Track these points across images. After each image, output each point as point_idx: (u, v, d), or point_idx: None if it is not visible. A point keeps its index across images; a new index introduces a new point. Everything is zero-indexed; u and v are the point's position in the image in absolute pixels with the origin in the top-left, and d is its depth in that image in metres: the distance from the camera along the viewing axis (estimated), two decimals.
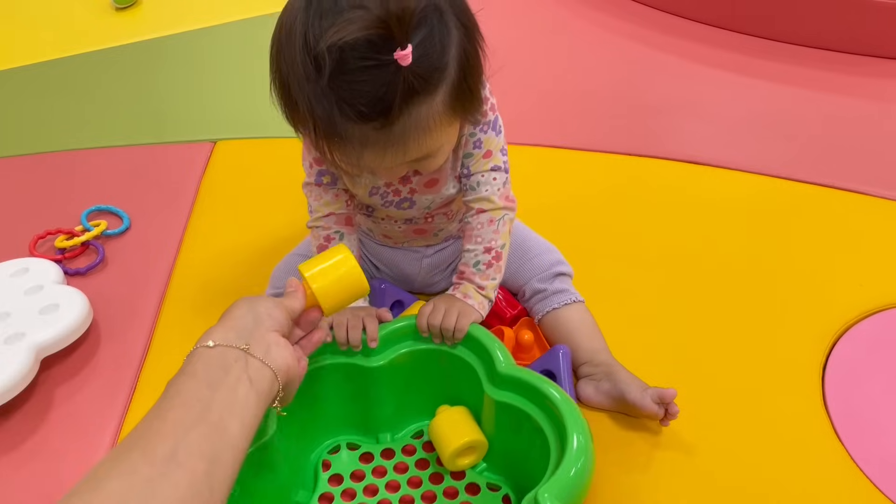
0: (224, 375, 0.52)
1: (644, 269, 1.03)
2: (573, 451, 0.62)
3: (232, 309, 0.59)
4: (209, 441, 0.48)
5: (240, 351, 0.54)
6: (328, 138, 0.64)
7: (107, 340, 0.96)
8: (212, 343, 0.54)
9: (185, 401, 0.49)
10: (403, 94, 0.60)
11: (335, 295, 0.65)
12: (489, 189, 0.79)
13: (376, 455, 0.79)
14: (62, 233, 1.11)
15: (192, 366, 0.52)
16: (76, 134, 1.36)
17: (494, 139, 0.79)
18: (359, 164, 0.67)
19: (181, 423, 0.48)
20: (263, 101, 0.63)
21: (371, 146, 0.64)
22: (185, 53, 1.61)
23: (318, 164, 0.80)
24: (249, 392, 0.52)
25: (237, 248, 1.09)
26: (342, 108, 0.61)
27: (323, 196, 0.82)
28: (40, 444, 0.85)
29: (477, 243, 0.80)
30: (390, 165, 0.67)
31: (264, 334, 0.57)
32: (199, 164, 1.25)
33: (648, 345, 0.92)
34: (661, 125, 1.33)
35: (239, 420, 0.50)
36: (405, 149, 0.65)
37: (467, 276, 0.80)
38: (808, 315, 0.95)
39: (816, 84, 1.42)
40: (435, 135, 0.66)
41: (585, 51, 1.56)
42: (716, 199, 1.15)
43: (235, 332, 0.55)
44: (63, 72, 1.57)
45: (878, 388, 0.87)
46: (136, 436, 0.48)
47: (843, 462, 0.79)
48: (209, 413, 0.49)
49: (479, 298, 0.79)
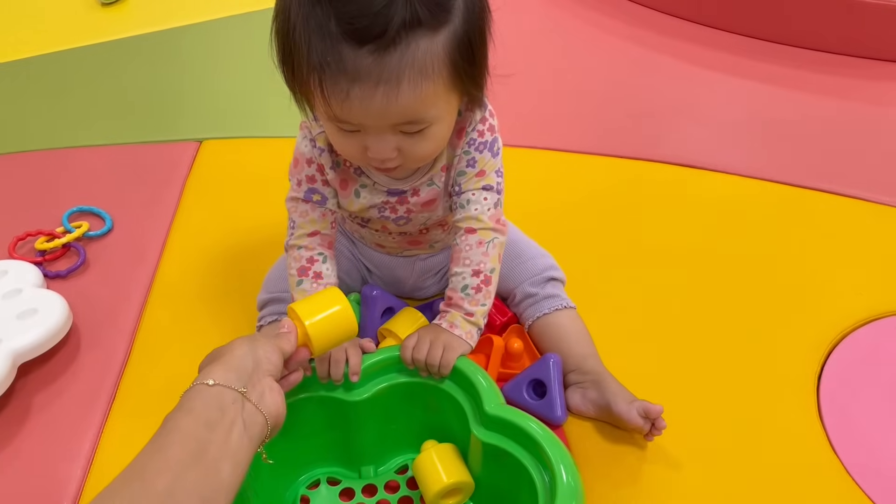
0: (221, 416, 0.53)
1: (638, 274, 1.02)
2: (563, 494, 0.60)
3: (233, 348, 0.58)
4: (204, 483, 0.49)
5: (237, 393, 0.54)
6: (319, 69, 0.61)
7: (87, 346, 0.94)
8: (211, 382, 0.54)
9: (183, 438, 0.50)
10: (405, 18, 0.59)
11: (327, 339, 0.65)
12: (479, 208, 0.76)
13: (357, 491, 0.76)
14: (42, 234, 1.09)
15: (191, 402, 0.53)
16: (58, 133, 1.33)
17: (490, 160, 0.76)
18: (346, 106, 0.62)
19: (179, 461, 0.49)
20: (251, 99, 0.62)
21: (361, 80, 0.60)
22: (170, 51, 1.59)
23: (311, 182, 0.78)
24: (243, 436, 0.53)
25: (222, 250, 1.07)
26: (339, 24, 0.59)
27: (309, 213, 0.79)
28: (17, 452, 0.83)
29: (465, 265, 0.76)
30: (379, 110, 0.62)
31: (261, 379, 0.57)
32: (185, 163, 1.23)
33: (640, 352, 0.91)
34: (656, 128, 1.31)
35: (232, 463, 0.51)
36: (398, 89, 0.61)
37: (455, 303, 0.76)
38: (804, 323, 0.94)
39: (814, 87, 1.41)
40: (431, 87, 0.63)
41: (580, 52, 1.55)
42: (711, 203, 1.14)
43: (235, 373, 0.56)
44: (46, 69, 1.54)
45: (874, 398, 0.86)
46: (136, 469, 0.49)
47: (837, 474, 0.78)
48: (205, 454, 0.50)
49: (467, 327, 0.75)
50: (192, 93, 1.44)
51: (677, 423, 0.80)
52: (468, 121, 0.75)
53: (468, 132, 0.75)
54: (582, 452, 0.79)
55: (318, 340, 0.64)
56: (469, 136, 0.75)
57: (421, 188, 0.78)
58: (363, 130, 0.66)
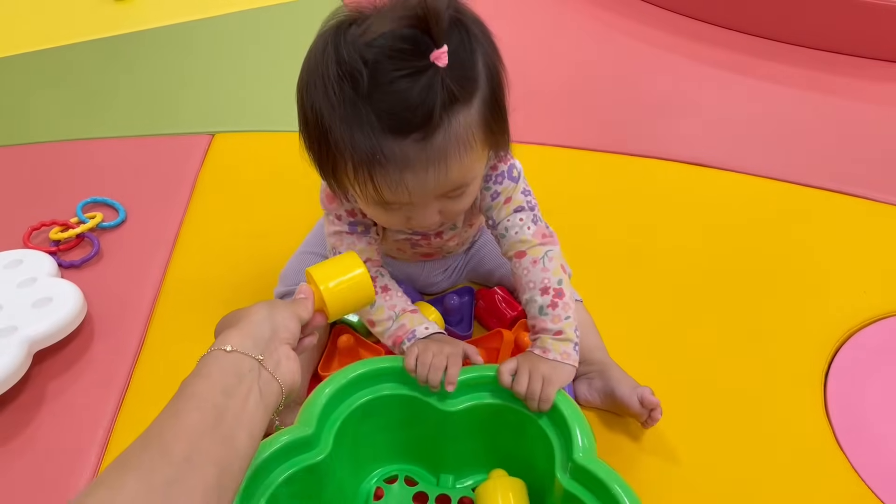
0: (237, 383, 0.52)
1: (642, 270, 1.02)
2: None
3: (250, 313, 0.58)
4: (221, 449, 0.49)
5: (254, 361, 0.54)
6: (368, 164, 0.62)
7: (101, 334, 0.95)
8: (229, 348, 0.54)
9: (199, 404, 0.50)
10: (443, 100, 0.59)
11: (343, 302, 0.65)
12: (518, 231, 0.76)
13: (431, 498, 0.74)
14: (57, 224, 1.10)
15: (208, 367, 0.53)
16: (73, 125, 1.35)
17: (512, 186, 0.76)
18: (398, 191, 0.63)
19: (196, 426, 0.49)
20: (263, 93, 0.62)
21: (412, 166, 0.62)
22: (183, 44, 1.60)
23: (351, 216, 0.78)
24: (258, 404, 0.53)
25: (234, 242, 1.08)
26: (382, 120, 0.60)
27: (357, 244, 0.78)
28: (32, 438, 0.84)
29: (531, 289, 0.74)
30: (432, 189, 0.64)
31: (277, 346, 0.57)
32: (197, 156, 1.24)
33: (645, 348, 0.91)
34: (664, 126, 1.31)
35: (247, 431, 0.51)
36: (447, 166, 0.63)
37: (540, 327, 0.74)
38: (811, 321, 0.94)
39: (822, 87, 1.42)
40: (473, 154, 0.64)
41: (585, 49, 1.55)
42: (717, 201, 1.14)
43: (253, 339, 0.55)
44: (60, 61, 1.55)
45: (880, 396, 0.86)
46: (153, 433, 0.48)
47: (844, 471, 0.79)
48: (222, 421, 0.50)
49: (561, 347, 0.72)
50: (205, 86, 1.45)
51: (684, 419, 0.81)
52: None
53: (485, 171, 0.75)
54: None
55: (334, 306, 0.64)
56: (484, 172, 0.75)
57: (444, 232, 0.81)
58: (408, 205, 0.67)
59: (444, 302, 0.90)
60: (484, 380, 0.71)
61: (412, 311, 0.77)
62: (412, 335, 0.74)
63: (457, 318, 0.92)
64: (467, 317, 0.93)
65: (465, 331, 0.91)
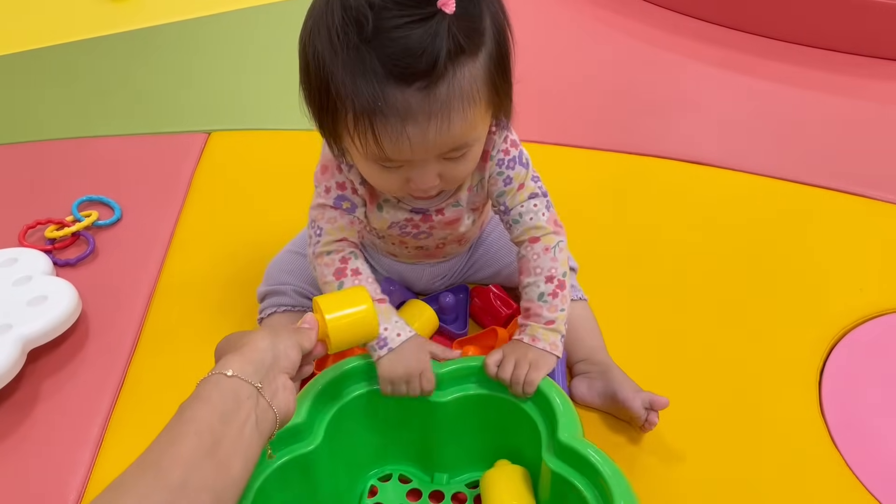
0: (236, 410, 0.52)
1: (640, 269, 1.02)
2: None
3: (255, 339, 0.57)
4: (216, 477, 0.49)
5: (253, 388, 0.54)
6: (369, 112, 0.60)
7: (95, 333, 0.95)
8: (230, 373, 0.54)
9: (198, 429, 0.50)
10: (449, 48, 0.58)
11: (346, 336, 0.64)
12: (534, 217, 0.77)
13: (425, 494, 0.75)
14: (52, 223, 1.10)
15: (207, 392, 0.53)
16: (68, 123, 1.34)
17: (523, 172, 0.77)
18: (399, 143, 0.62)
19: (193, 453, 0.49)
20: (259, 91, 0.62)
21: (414, 117, 0.60)
22: (180, 43, 1.60)
23: (341, 189, 0.76)
24: (254, 432, 0.53)
25: (230, 241, 1.08)
26: (385, 66, 0.58)
27: (338, 220, 0.77)
28: (26, 437, 0.84)
29: (537, 275, 0.75)
30: (433, 144, 0.62)
31: (277, 375, 0.57)
32: (193, 155, 1.24)
33: (642, 346, 0.91)
34: (663, 124, 1.31)
35: (243, 459, 0.52)
36: (449, 120, 0.61)
37: (534, 312, 0.75)
38: (806, 319, 0.94)
39: (818, 85, 1.42)
40: (476, 111, 0.63)
41: (584, 47, 1.55)
42: (715, 200, 1.14)
43: (253, 366, 0.55)
44: (56, 60, 1.55)
45: (876, 394, 0.86)
46: (150, 458, 0.49)
47: (839, 470, 0.79)
48: (218, 448, 0.50)
49: (550, 337, 0.74)
50: (202, 84, 1.45)
51: (680, 417, 0.81)
52: (492, 143, 0.74)
53: (493, 155, 0.75)
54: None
55: (337, 338, 0.63)
56: (495, 158, 0.75)
57: (446, 208, 0.79)
58: (407, 164, 0.66)
59: (439, 300, 0.90)
60: (467, 371, 0.73)
61: (380, 302, 0.75)
62: (384, 343, 0.72)
63: (452, 317, 0.92)
64: (462, 315, 0.93)
65: (460, 329, 0.91)
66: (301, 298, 0.89)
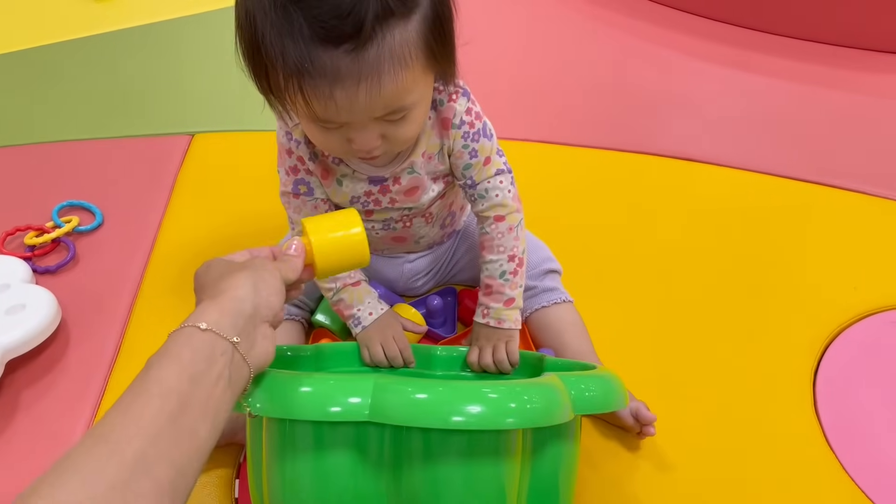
0: (207, 369, 0.48)
1: (631, 268, 1.01)
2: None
3: (234, 285, 0.53)
4: (179, 448, 0.45)
5: (228, 343, 0.50)
6: (297, 75, 0.60)
7: (76, 342, 0.93)
8: (204, 325, 0.49)
9: (163, 392, 0.46)
10: (376, 11, 0.58)
11: (334, 259, 0.61)
12: (500, 194, 0.78)
13: None
14: (32, 229, 1.07)
15: (178, 348, 0.48)
16: (48, 126, 1.32)
17: (488, 144, 0.77)
18: (328, 107, 0.62)
19: (155, 421, 0.44)
20: (243, 92, 0.60)
21: (343, 80, 0.60)
22: (162, 43, 1.57)
23: (294, 173, 0.77)
24: (226, 391, 0.49)
25: (214, 245, 1.06)
26: (312, 27, 0.58)
27: (302, 208, 0.79)
28: (5, 449, 0.82)
29: (500, 253, 0.79)
30: (363, 107, 0.62)
31: (256, 326, 0.53)
32: (176, 157, 1.22)
33: (633, 346, 0.90)
34: (651, 120, 1.30)
35: (211, 423, 0.48)
36: (380, 83, 0.60)
37: (496, 290, 0.79)
38: (800, 317, 0.93)
39: (811, 79, 1.40)
40: (410, 74, 0.62)
41: (573, 42, 1.53)
42: (706, 197, 1.13)
43: (231, 318, 0.51)
44: (37, 62, 1.52)
45: (870, 394, 0.85)
46: (106, 426, 0.44)
47: (833, 469, 0.78)
48: (185, 414, 0.46)
49: (513, 315, 0.79)
50: (184, 86, 1.42)
51: (673, 418, 0.79)
52: (452, 112, 0.74)
53: (455, 124, 0.74)
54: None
55: (324, 262, 0.60)
56: (460, 129, 0.75)
57: (402, 175, 0.77)
58: (346, 126, 0.65)
59: (427, 303, 0.88)
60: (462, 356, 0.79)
61: (353, 285, 0.81)
62: (357, 322, 0.80)
63: (440, 320, 0.90)
64: (451, 318, 0.91)
65: (448, 332, 0.90)
66: (288, 306, 0.87)
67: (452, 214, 0.89)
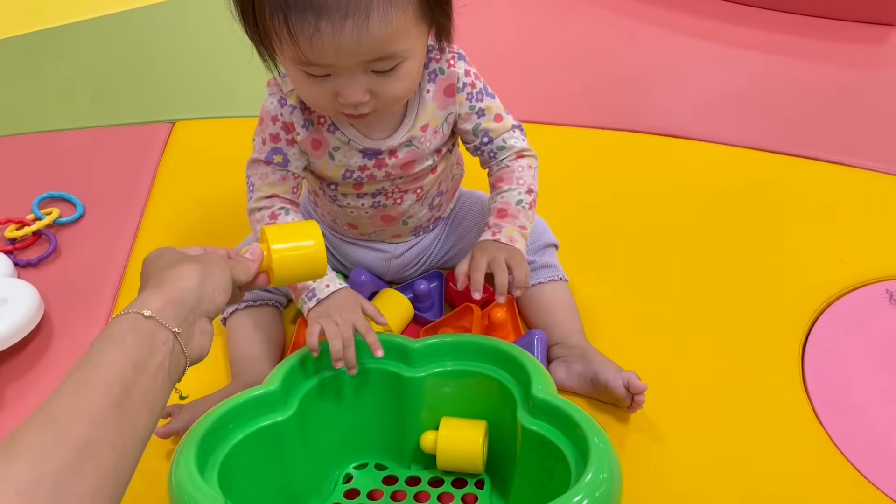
0: (150, 356, 0.49)
1: (618, 244, 1.01)
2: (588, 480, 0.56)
3: (181, 276, 0.54)
4: (122, 434, 0.46)
5: (170, 333, 0.51)
6: (283, 6, 0.59)
7: (59, 335, 0.92)
8: (148, 313, 0.51)
9: (107, 379, 0.46)
10: None
11: (290, 270, 0.62)
12: (516, 143, 0.80)
13: (401, 480, 0.74)
14: (12, 222, 1.06)
15: (122, 334, 0.49)
16: (26, 117, 1.30)
17: (492, 103, 0.78)
18: (314, 42, 0.60)
19: (99, 407, 0.45)
20: (225, 78, 0.60)
21: (329, 13, 0.58)
22: (140, 30, 1.55)
23: (274, 142, 0.75)
24: (165, 381, 0.51)
25: (197, 234, 1.05)
26: None
27: (270, 176, 0.76)
28: None
29: (519, 183, 0.78)
30: (350, 45, 0.60)
31: (197, 319, 0.54)
32: (157, 146, 1.20)
33: (621, 324, 0.90)
34: (638, 98, 1.29)
35: (150, 411, 0.49)
36: (367, 20, 0.59)
37: (511, 213, 0.77)
38: (788, 292, 0.93)
39: (794, 51, 1.40)
40: (402, 17, 0.60)
41: (558, 20, 1.52)
42: (691, 172, 1.12)
43: (174, 308, 0.52)
44: (12, 52, 1.50)
45: (858, 367, 0.85)
46: (51, 411, 0.44)
47: (822, 443, 0.78)
48: (127, 401, 0.47)
49: (524, 242, 0.76)
50: (164, 73, 1.40)
51: (663, 395, 0.79)
52: (455, 77, 0.74)
53: (459, 88, 0.74)
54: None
55: (281, 271, 0.61)
56: (464, 91, 0.75)
57: (399, 149, 0.76)
58: (333, 74, 0.64)
59: (414, 288, 0.88)
60: (446, 347, 0.72)
61: None
62: (312, 295, 0.72)
63: (427, 304, 0.89)
64: (438, 302, 0.91)
65: (435, 316, 0.89)
66: (262, 292, 0.86)
67: (441, 194, 0.87)
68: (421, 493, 0.73)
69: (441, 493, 0.72)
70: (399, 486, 0.73)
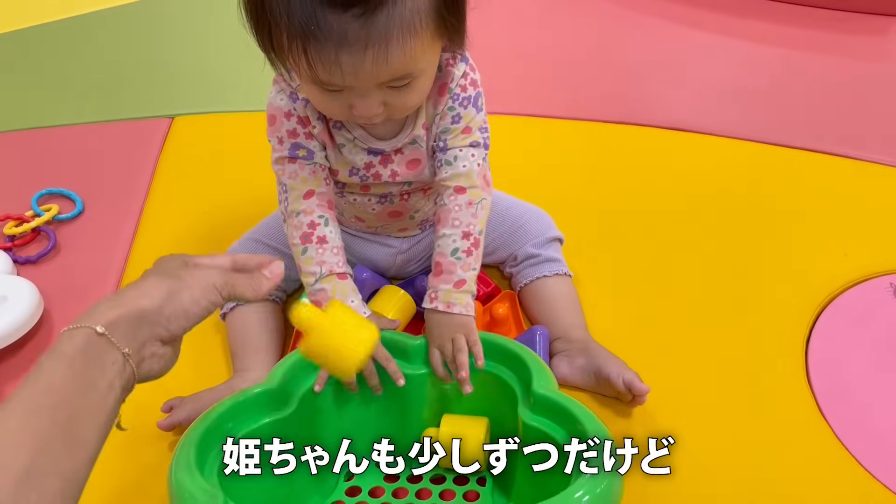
0: (100, 376, 0.48)
1: (623, 239, 1.00)
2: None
3: (144, 292, 0.51)
4: (69, 458, 0.45)
5: (120, 354, 0.49)
6: (302, 36, 0.59)
7: (59, 333, 0.91)
8: (101, 329, 0.48)
9: (54, 402, 0.45)
10: None
11: (324, 356, 0.62)
12: (467, 164, 0.74)
13: (402, 477, 0.73)
14: (11, 218, 1.06)
15: (72, 352, 0.48)
16: (24, 113, 1.30)
17: (474, 115, 0.74)
18: (332, 71, 0.60)
19: (46, 433, 0.44)
20: (224, 73, 0.60)
21: (349, 44, 0.58)
22: (139, 24, 1.54)
23: (293, 137, 0.74)
24: (116, 401, 0.49)
25: (197, 229, 1.04)
26: None
27: (299, 173, 0.74)
28: None
29: (454, 227, 0.73)
30: (369, 74, 0.61)
31: (149, 342, 0.52)
32: (156, 141, 1.20)
33: (624, 315, 0.90)
34: (640, 91, 1.29)
35: (98, 430, 0.47)
36: (387, 50, 0.59)
37: (445, 269, 0.73)
38: (792, 286, 0.93)
39: (798, 43, 1.39)
40: (419, 42, 0.61)
41: (560, 13, 1.51)
42: (695, 166, 1.12)
43: (129, 324, 0.50)
44: (10, 47, 1.49)
45: (862, 360, 0.85)
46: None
47: (825, 437, 0.78)
48: (75, 425, 0.45)
49: (464, 300, 0.72)
50: (163, 68, 1.40)
51: (665, 390, 0.79)
52: (450, 77, 0.72)
53: (451, 88, 0.73)
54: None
55: (316, 346, 0.61)
56: (452, 91, 0.73)
57: (404, 148, 0.76)
58: (348, 90, 0.64)
59: (415, 284, 0.87)
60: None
61: (340, 277, 0.73)
62: None
63: None
64: None
65: None
66: None
67: None
68: (423, 490, 0.72)
69: (443, 490, 0.72)
70: (401, 483, 0.73)
